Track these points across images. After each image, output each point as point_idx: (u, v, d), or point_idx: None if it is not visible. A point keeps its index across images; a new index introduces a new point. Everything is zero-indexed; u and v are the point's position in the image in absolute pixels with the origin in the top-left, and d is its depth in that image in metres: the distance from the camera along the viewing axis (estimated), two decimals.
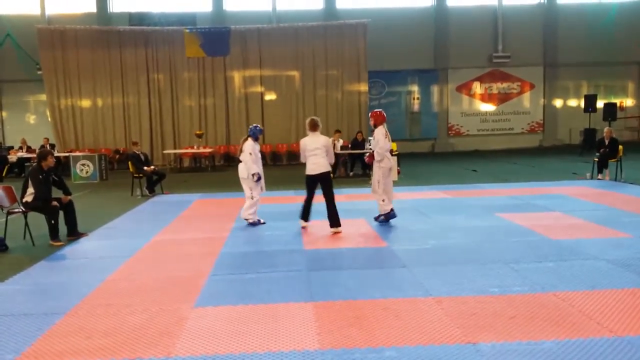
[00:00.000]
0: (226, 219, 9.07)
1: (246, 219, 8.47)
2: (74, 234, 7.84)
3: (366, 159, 8.73)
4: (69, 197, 7.88)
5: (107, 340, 4.14)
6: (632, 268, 5.56)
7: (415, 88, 24.73)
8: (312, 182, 7.87)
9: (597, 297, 4.74)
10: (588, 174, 13.22)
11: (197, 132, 19.44)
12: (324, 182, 7.79)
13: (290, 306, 4.74)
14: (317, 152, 7.76)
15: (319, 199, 7.95)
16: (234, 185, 14.09)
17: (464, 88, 24.93)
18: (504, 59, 24.35)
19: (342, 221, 8.48)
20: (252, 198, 8.43)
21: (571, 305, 4.55)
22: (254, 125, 8.85)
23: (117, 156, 20.02)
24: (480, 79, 24.89)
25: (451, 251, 6.56)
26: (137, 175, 12.40)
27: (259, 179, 8.41)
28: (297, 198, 11.16)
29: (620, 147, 12.73)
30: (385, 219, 8.30)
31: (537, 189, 11.59)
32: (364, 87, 21.31)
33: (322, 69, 21.19)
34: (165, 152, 20.29)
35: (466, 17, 24.14)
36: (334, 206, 7.77)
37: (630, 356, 3.61)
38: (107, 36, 20.78)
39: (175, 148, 20.56)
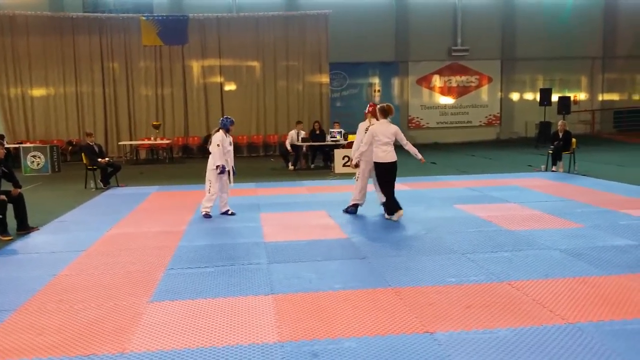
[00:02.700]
0: (184, 211, 8.91)
1: (202, 212, 8.39)
2: (24, 228, 7.55)
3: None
4: (19, 190, 7.58)
5: (59, 337, 4.01)
6: (584, 257, 5.74)
7: (376, 80, 24.84)
8: (385, 170, 7.83)
9: (550, 285, 4.87)
10: (543, 166, 13.58)
11: (154, 123, 19.01)
12: (393, 171, 7.86)
13: (249, 299, 4.69)
14: (387, 141, 7.74)
15: (274, 191, 7.87)
16: (193, 177, 13.90)
17: (424, 81, 25.19)
18: (462, 53, 24.70)
19: (302, 213, 8.52)
20: (208, 192, 8.32)
21: (525, 294, 4.66)
22: (225, 116, 8.65)
23: (70, 148, 19.37)
24: (440, 72, 25.19)
25: (410, 242, 6.63)
26: (90, 167, 12.05)
27: (222, 171, 8.25)
28: (258, 190, 11.10)
29: (574, 140, 13.11)
30: (345, 210, 8.40)
31: (494, 180, 11.84)
32: (325, 78, 21.26)
33: (283, 59, 21.02)
34: (120, 143, 19.77)
35: (426, 11, 24.36)
36: (394, 195, 7.95)
37: (580, 342, 3.72)
38: (59, 23, 20.01)
39: (131, 139, 20.05)
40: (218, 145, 8.22)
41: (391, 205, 7.88)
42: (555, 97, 21.87)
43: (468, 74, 25.27)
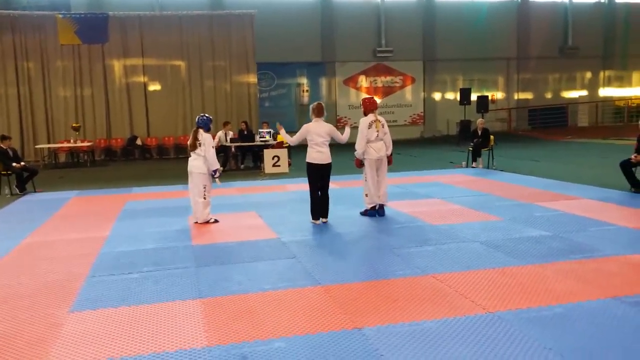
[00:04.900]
0: (107, 217, 8.58)
1: (206, 221, 7.79)
2: None
3: (356, 163, 8.00)
4: None
5: None
6: (502, 249, 6.02)
7: (304, 80, 24.99)
8: (316, 171, 7.48)
9: (471, 277, 5.08)
10: (463, 163, 14.14)
11: (74, 125, 18.16)
12: (325, 173, 7.55)
13: (176, 305, 4.58)
14: (321, 141, 7.42)
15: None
16: (116, 180, 13.41)
17: (351, 81, 25.60)
18: (387, 54, 25.32)
19: (232, 215, 8.44)
20: (204, 198, 7.77)
21: (448, 286, 4.83)
22: (202, 115, 8.03)
23: None
24: (366, 73, 25.69)
25: (338, 240, 6.71)
26: (5, 172, 11.36)
27: (220, 173, 7.90)
28: (185, 193, 10.81)
29: (492, 137, 13.74)
30: (364, 213, 8.05)
31: (418, 177, 12.21)
32: (253, 78, 21.12)
33: (209, 59, 20.69)
34: (37, 146, 18.73)
35: (351, 12, 24.77)
36: (328, 197, 7.67)
37: (500, 329, 3.90)
38: None
39: (49, 142, 19.06)
40: (213, 147, 7.77)
41: (313, 210, 7.65)
42: (474, 97, 22.86)
43: (393, 74, 25.92)
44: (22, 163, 11.79)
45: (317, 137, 7.45)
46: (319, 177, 7.55)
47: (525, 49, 27.31)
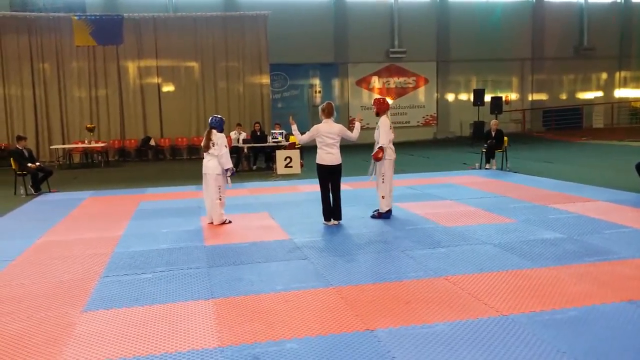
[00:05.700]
0: (121, 217, 8.64)
1: (223, 222, 7.81)
2: None
3: (374, 156, 7.83)
4: None
5: None
6: (516, 251, 5.97)
7: (317, 81, 24.97)
8: (326, 172, 7.47)
9: (484, 279, 5.04)
10: (477, 164, 14.04)
11: (88, 126, 18.33)
12: (336, 174, 7.53)
13: (189, 305, 4.60)
14: (331, 142, 7.39)
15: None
16: (130, 181, 13.50)
17: (364, 82, 25.54)
18: (400, 55, 25.22)
19: (244, 215, 8.45)
20: (220, 199, 7.79)
21: (461, 288, 4.80)
22: (215, 115, 8.05)
23: None
24: (379, 74, 25.61)
25: (350, 241, 6.69)
26: (20, 172, 11.49)
27: (232, 173, 7.96)
28: (198, 193, 10.88)
29: (506, 138, 13.64)
30: (378, 216, 8.00)
31: (432, 179, 12.14)
32: (265, 79, 21.16)
33: (223, 60, 20.78)
34: (52, 147, 18.93)
35: (364, 13, 24.73)
36: (340, 199, 7.63)
37: (514, 332, 3.86)
38: None
39: (64, 143, 19.25)
40: (226, 146, 7.80)
41: (325, 212, 7.66)
42: (488, 98, 22.68)
43: (406, 75, 25.83)
44: (37, 163, 11.91)
45: (327, 137, 7.43)
46: (329, 178, 7.54)
47: (540, 50, 27.07)
